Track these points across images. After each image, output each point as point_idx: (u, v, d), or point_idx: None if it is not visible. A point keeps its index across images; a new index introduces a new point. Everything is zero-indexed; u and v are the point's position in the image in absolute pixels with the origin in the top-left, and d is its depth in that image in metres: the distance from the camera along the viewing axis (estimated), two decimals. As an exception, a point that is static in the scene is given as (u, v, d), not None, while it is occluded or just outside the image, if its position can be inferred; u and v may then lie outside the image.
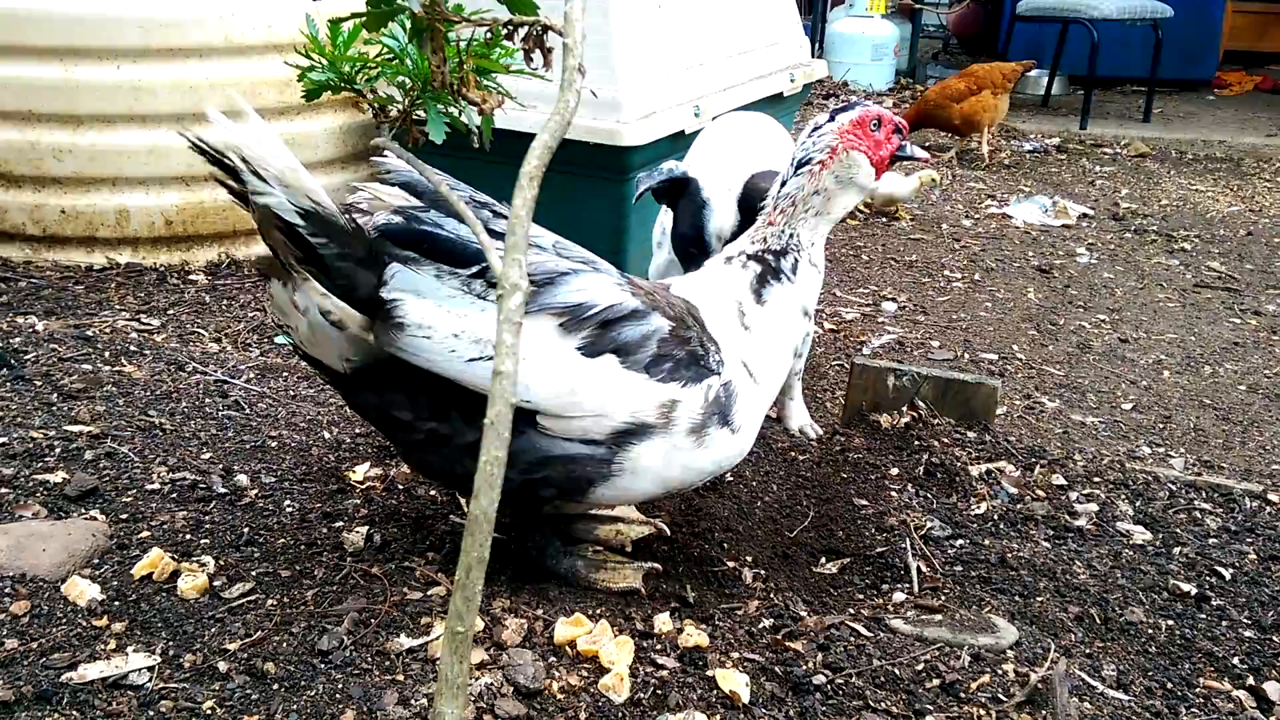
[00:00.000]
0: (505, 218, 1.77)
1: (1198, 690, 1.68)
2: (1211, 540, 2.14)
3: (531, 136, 1.22)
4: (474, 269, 1.60)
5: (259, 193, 1.50)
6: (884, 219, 4.84)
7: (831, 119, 1.85)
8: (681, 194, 2.29)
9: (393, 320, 1.56)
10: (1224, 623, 1.86)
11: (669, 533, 1.98)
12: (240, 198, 1.57)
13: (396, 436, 1.74)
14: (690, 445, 1.70)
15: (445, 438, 1.66)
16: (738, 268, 1.84)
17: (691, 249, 2.22)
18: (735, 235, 2.16)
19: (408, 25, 1.37)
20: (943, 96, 5.94)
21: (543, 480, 1.67)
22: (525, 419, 1.62)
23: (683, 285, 1.86)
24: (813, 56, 4.41)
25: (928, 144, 6.35)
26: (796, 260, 1.84)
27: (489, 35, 1.38)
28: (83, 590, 1.65)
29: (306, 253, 1.55)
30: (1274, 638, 1.82)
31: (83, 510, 1.88)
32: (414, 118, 1.65)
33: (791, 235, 1.84)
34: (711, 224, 2.17)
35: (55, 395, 2.29)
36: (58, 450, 2.06)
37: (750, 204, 2.18)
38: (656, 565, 1.86)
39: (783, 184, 1.85)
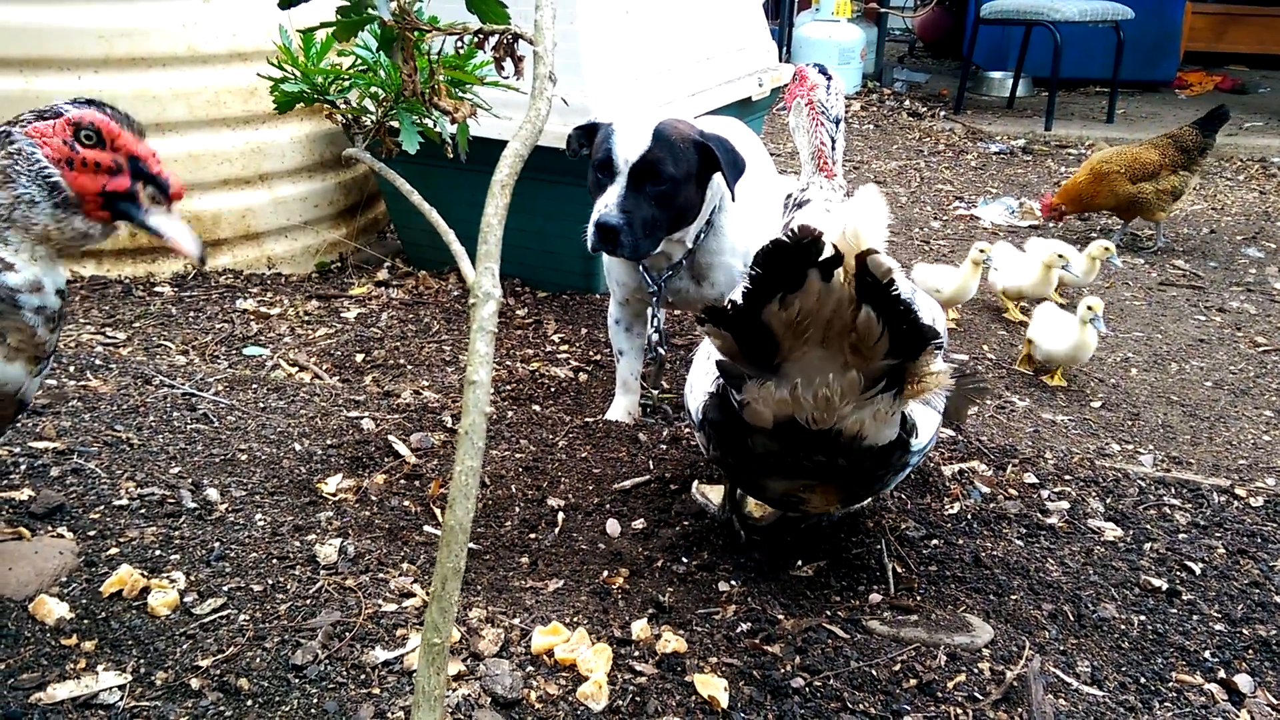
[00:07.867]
0: None
1: (1170, 684, 1.70)
2: (1181, 535, 2.16)
3: (503, 143, 1.21)
4: None
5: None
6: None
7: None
8: (595, 134, 2.52)
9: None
10: (1195, 617, 1.88)
11: None
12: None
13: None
14: None
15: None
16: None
17: (600, 174, 2.41)
18: (642, 160, 2.31)
19: (378, 34, 1.36)
20: None
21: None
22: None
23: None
24: (780, 61, 4.43)
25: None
26: None
27: (460, 45, 1.37)
28: (51, 609, 1.62)
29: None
30: (1244, 631, 1.85)
31: (49, 528, 1.85)
32: (387, 127, 1.65)
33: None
34: (618, 148, 2.35)
35: (19, 411, 2.25)
36: (23, 467, 2.02)
37: (664, 136, 2.35)
38: None
39: (834, 143, 2.13)
